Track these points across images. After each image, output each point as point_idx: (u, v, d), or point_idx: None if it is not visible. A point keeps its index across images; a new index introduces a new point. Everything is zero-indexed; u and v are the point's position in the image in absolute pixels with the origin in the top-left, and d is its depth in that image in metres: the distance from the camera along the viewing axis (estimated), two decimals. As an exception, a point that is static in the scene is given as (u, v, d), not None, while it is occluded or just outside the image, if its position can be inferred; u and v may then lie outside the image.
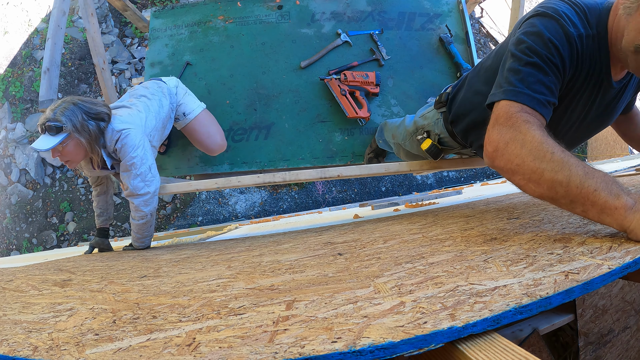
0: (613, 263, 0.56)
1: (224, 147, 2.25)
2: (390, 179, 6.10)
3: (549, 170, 0.74)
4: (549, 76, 0.90)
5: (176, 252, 1.46)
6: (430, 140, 1.53)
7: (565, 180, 0.72)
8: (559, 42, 0.90)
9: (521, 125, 0.82)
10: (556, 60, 0.90)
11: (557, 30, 0.91)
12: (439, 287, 0.55)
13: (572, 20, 0.92)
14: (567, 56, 0.92)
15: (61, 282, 1.00)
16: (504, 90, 0.90)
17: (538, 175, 0.76)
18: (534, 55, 0.90)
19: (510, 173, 0.82)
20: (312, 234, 1.50)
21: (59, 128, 1.54)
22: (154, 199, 1.76)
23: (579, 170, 0.72)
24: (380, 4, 2.52)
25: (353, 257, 0.86)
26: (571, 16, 0.93)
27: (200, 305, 0.62)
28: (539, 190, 0.77)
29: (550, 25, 0.91)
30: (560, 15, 0.92)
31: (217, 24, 2.51)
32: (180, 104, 2.12)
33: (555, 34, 0.91)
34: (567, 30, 0.91)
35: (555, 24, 0.92)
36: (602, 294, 0.97)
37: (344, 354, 0.38)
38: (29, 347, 0.51)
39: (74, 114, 1.57)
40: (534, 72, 0.89)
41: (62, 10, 2.04)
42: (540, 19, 0.93)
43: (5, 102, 5.82)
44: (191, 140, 2.23)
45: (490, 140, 0.86)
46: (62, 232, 5.63)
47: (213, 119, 2.24)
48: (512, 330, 0.78)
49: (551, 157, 0.75)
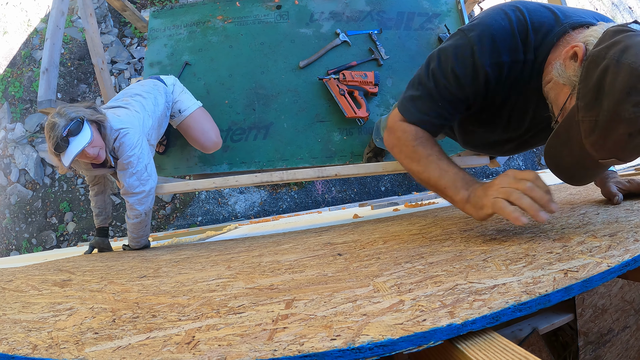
0: (612, 261, 0.56)
1: (219, 144, 2.25)
2: (390, 179, 6.10)
3: (418, 171, 0.97)
4: (440, 104, 0.97)
5: (176, 253, 1.46)
6: None
7: (426, 179, 0.95)
8: (462, 73, 0.91)
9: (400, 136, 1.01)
10: (454, 91, 0.94)
11: (467, 58, 0.90)
12: (438, 285, 0.55)
13: (494, 47, 0.88)
14: (470, 86, 0.92)
15: (61, 282, 1.00)
16: (401, 101, 1.05)
17: (413, 172, 1.00)
18: (434, 82, 0.96)
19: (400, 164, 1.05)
20: (312, 234, 1.50)
21: (79, 123, 1.56)
22: (149, 198, 1.76)
23: (435, 172, 0.93)
24: (379, 4, 2.52)
25: (353, 257, 0.86)
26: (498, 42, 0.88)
27: (200, 304, 0.62)
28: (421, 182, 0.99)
29: (462, 52, 0.90)
30: (479, 42, 0.88)
31: (216, 24, 2.51)
32: (176, 102, 2.13)
33: (462, 63, 0.90)
34: (477, 61, 0.89)
35: (468, 51, 0.89)
36: (602, 294, 0.97)
37: (342, 351, 0.38)
38: (28, 346, 0.51)
39: (74, 107, 1.59)
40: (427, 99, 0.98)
41: (61, 11, 2.04)
42: (461, 39, 0.92)
43: (5, 102, 5.82)
44: (187, 138, 2.23)
45: (385, 139, 1.08)
46: (62, 232, 5.63)
47: (209, 116, 2.24)
48: (511, 330, 0.78)
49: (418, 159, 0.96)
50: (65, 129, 1.53)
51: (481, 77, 0.90)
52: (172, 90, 2.12)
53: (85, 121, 1.58)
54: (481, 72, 0.89)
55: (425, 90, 0.98)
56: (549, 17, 0.89)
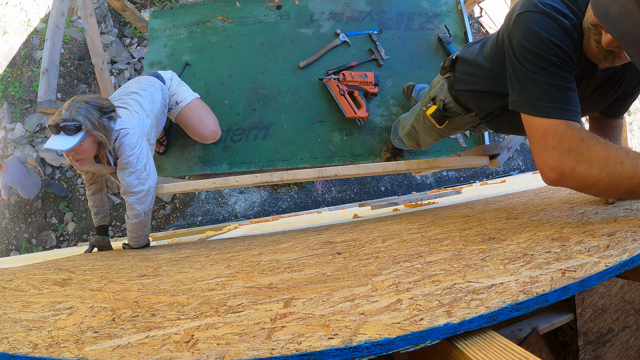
0: (610, 261, 0.56)
1: (218, 133, 2.24)
2: (390, 179, 6.11)
3: (625, 179, 0.79)
4: (564, 78, 0.89)
5: (175, 251, 1.46)
6: (435, 106, 1.53)
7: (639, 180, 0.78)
8: (559, 39, 0.89)
9: (579, 146, 0.84)
10: (564, 57, 0.89)
11: (553, 25, 0.89)
12: (436, 285, 0.56)
13: (560, 11, 0.90)
14: (572, 49, 0.90)
15: (61, 282, 1.01)
16: (534, 106, 0.91)
17: (616, 184, 0.81)
18: (545, 63, 0.89)
19: (584, 190, 0.87)
20: (311, 233, 1.50)
21: (78, 127, 1.55)
22: (148, 198, 1.77)
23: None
24: (379, 4, 2.52)
25: (352, 256, 0.86)
26: (558, 6, 0.90)
27: (199, 303, 0.62)
28: (617, 195, 0.83)
29: (545, 23, 0.89)
30: (550, 8, 0.89)
31: (216, 24, 2.51)
32: (173, 94, 2.13)
33: (553, 31, 0.89)
34: (562, 23, 0.89)
35: (549, 19, 0.89)
36: (602, 294, 0.97)
37: (340, 350, 0.38)
38: (28, 345, 0.51)
39: (89, 112, 1.58)
40: (549, 80, 0.89)
41: (60, 11, 2.04)
42: (533, 16, 0.91)
43: (5, 102, 5.82)
44: (186, 130, 2.22)
45: (549, 166, 0.88)
46: (62, 232, 5.63)
47: (206, 106, 2.23)
48: (511, 330, 0.79)
49: (621, 168, 0.79)
50: (63, 121, 1.54)
51: (573, 36, 0.90)
52: (169, 85, 2.12)
53: (83, 131, 1.57)
54: (570, 32, 0.90)
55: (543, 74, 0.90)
56: None
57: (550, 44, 0.89)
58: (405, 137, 1.92)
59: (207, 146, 2.33)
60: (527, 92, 0.92)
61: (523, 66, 0.93)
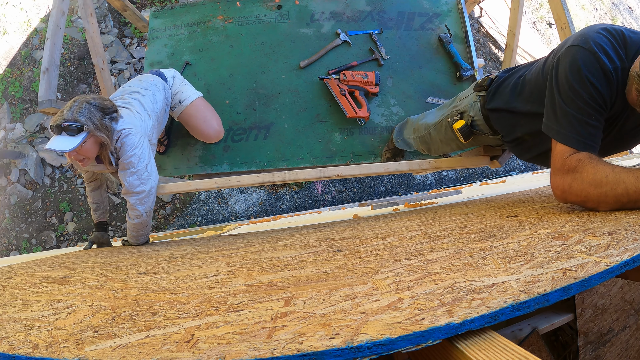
0: (611, 260, 0.56)
1: (221, 133, 2.24)
2: (390, 179, 6.10)
3: (610, 190, 0.91)
4: (590, 115, 0.99)
5: (175, 248, 1.46)
6: (463, 121, 1.57)
7: (624, 192, 0.89)
8: (597, 78, 0.96)
9: (575, 166, 0.98)
10: (596, 97, 0.97)
11: (594, 65, 0.96)
12: (437, 283, 0.55)
13: (607, 53, 0.96)
14: (607, 92, 0.98)
15: (60, 279, 1.00)
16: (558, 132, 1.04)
17: (603, 197, 0.93)
18: (577, 97, 0.99)
19: (582, 203, 0.99)
20: (311, 230, 1.50)
21: (80, 128, 1.55)
22: (149, 198, 1.77)
23: (630, 178, 0.88)
24: (380, 4, 2.52)
25: (352, 253, 0.86)
26: (607, 48, 0.97)
27: (199, 301, 0.62)
28: (609, 206, 0.93)
29: (588, 61, 0.97)
30: (598, 48, 0.96)
31: (216, 24, 2.51)
32: (176, 93, 2.12)
33: (593, 71, 0.96)
34: (604, 65, 0.96)
35: (592, 58, 0.97)
36: (602, 294, 0.97)
37: (341, 350, 0.38)
38: (28, 345, 0.51)
39: (91, 113, 1.58)
40: (578, 115, 0.99)
41: (61, 11, 2.04)
42: (581, 52, 0.98)
43: (5, 102, 5.82)
44: (188, 129, 2.22)
45: (555, 185, 1.03)
46: (62, 232, 5.63)
47: (209, 105, 2.23)
48: (511, 330, 0.78)
49: (606, 180, 0.91)
50: (65, 122, 1.54)
51: (612, 80, 0.97)
52: (171, 84, 2.12)
53: (85, 132, 1.57)
54: (609, 75, 0.97)
55: (574, 108, 1.00)
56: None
57: (587, 82, 0.97)
58: (417, 140, 1.93)
59: (208, 146, 2.33)
60: (556, 118, 1.04)
61: (560, 94, 1.02)
